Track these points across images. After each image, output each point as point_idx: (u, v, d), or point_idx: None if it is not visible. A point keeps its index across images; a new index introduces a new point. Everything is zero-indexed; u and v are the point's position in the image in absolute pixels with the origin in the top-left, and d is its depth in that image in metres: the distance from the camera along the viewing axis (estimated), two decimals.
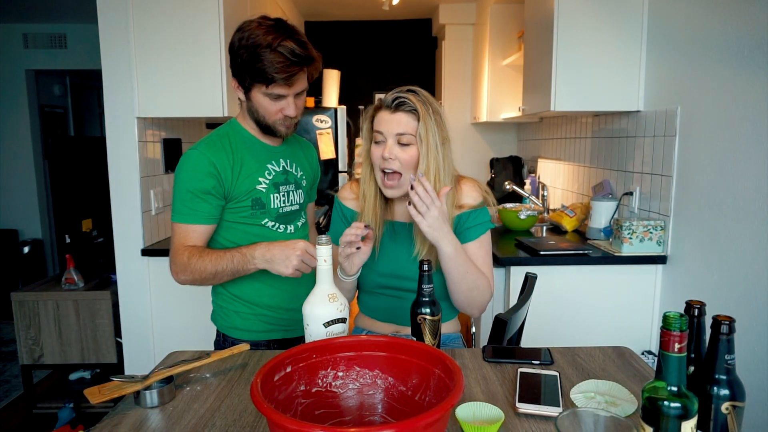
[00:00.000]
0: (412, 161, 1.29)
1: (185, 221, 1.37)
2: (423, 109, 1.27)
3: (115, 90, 2.46)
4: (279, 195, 1.47)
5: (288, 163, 1.51)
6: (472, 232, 1.37)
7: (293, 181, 1.52)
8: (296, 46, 1.29)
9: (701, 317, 0.87)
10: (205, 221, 1.38)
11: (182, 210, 1.36)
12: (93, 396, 1.01)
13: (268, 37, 1.28)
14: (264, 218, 1.44)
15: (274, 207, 1.45)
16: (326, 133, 3.72)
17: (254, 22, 1.33)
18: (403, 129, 1.28)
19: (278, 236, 1.46)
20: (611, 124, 2.66)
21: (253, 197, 1.42)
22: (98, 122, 6.17)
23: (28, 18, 4.70)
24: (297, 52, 1.29)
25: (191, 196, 1.35)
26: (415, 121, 1.28)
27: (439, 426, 0.72)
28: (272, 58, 1.28)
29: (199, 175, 1.35)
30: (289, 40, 1.29)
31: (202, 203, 1.36)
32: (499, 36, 3.85)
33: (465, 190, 1.39)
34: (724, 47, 1.83)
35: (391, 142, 1.28)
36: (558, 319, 2.22)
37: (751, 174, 1.71)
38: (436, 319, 1.11)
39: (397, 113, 1.28)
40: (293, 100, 1.37)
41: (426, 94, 1.31)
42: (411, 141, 1.28)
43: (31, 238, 5.10)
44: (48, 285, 2.85)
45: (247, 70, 1.32)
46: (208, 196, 1.36)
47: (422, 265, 1.10)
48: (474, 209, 1.37)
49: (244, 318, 1.49)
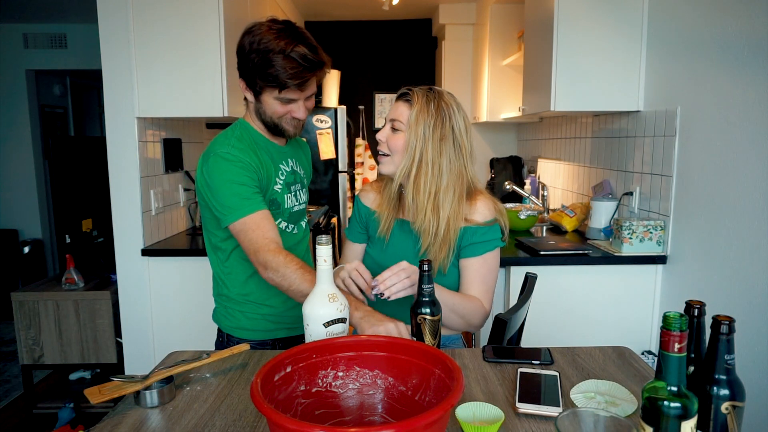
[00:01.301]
0: (398, 146, 1.35)
1: (249, 212, 1.29)
2: (422, 101, 1.31)
3: (115, 90, 2.46)
4: (291, 195, 1.49)
5: (294, 163, 1.54)
6: (477, 248, 1.36)
7: (299, 180, 1.54)
8: (308, 51, 1.30)
9: (701, 317, 0.86)
10: (264, 206, 1.33)
11: (239, 204, 1.29)
12: (93, 396, 1.01)
13: (280, 42, 1.28)
14: (278, 218, 1.45)
15: (287, 207, 1.47)
16: (326, 133, 3.72)
17: (264, 25, 1.32)
18: (396, 116, 1.35)
19: (287, 237, 1.47)
20: (611, 124, 2.66)
21: (272, 198, 1.43)
22: (98, 122, 6.17)
23: (28, 18, 4.70)
24: (309, 58, 1.30)
25: (242, 188, 1.30)
26: (410, 110, 1.32)
27: (439, 426, 0.72)
28: (285, 64, 1.28)
29: (244, 171, 1.33)
30: (301, 45, 1.29)
31: (255, 194, 1.33)
32: (499, 36, 3.85)
33: (479, 207, 1.38)
34: (724, 47, 1.83)
35: (387, 126, 1.37)
36: (558, 319, 2.22)
37: (751, 174, 1.71)
38: (436, 319, 1.10)
39: (398, 102, 1.36)
40: (303, 103, 1.39)
41: (442, 93, 1.34)
42: (400, 128, 1.34)
43: (31, 238, 5.10)
44: (48, 285, 2.85)
45: (258, 75, 1.32)
46: (255, 188, 1.34)
47: (422, 265, 1.10)
48: (482, 226, 1.36)
49: (250, 318, 1.49)
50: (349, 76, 5.28)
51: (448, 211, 1.32)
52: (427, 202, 1.32)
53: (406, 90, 1.36)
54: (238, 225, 1.30)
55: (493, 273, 1.39)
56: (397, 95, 1.38)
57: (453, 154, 1.33)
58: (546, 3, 2.42)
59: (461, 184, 1.35)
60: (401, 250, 1.42)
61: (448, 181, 1.32)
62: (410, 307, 1.13)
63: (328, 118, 3.72)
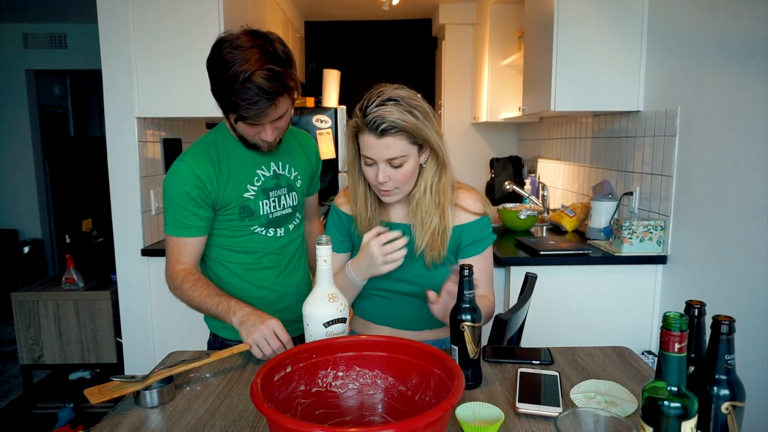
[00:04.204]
0: (407, 177, 1.25)
1: (177, 234, 1.36)
2: (412, 120, 1.19)
3: (115, 90, 2.46)
4: (269, 201, 1.43)
5: (280, 166, 1.46)
6: (477, 246, 1.34)
7: (285, 184, 1.47)
8: (266, 81, 1.17)
9: (701, 317, 0.87)
10: (195, 234, 1.37)
11: (173, 222, 1.36)
12: (93, 396, 1.01)
13: (238, 68, 1.17)
14: (253, 224, 1.42)
15: (263, 213, 1.42)
16: (326, 133, 3.72)
17: (228, 42, 1.21)
18: (392, 153, 1.21)
19: (268, 240, 1.44)
20: (611, 124, 2.66)
21: (241, 205, 1.39)
22: (98, 122, 6.16)
23: (28, 18, 4.70)
24: (265, 89, 1.18)
25: (180, 209, 1.34)
26: (405, 140, 1.21)
27: (439, 426, 0.72)
28: (240, 95, 1.18)
29: (186, 187, 1.33)
30: (259, 73, 1.17)
31: (191, 216, 1.35)
32: (499, 36, 3.85)
33: (467, 198, 1.35)
34: (724, 47, 1.83)
35: (383, 165, 1.23)
36: (558, 319, 2.22)
37: (751, 174, 1.71)
38: (478, 326, 1.06)
39: (384, 138, 1.19)
40: (269, 126, 1.29)
41: (406, 96, 1.21)
42: (404, 161, 1.23)
43: (31, 238, 5.10)
44: (48, 285, 2.85)
45: (217, 98, 1.26)
46: (196, 208, 1.35)
47: (463, 269, 1.05)
48: (479, 220, 1.35)
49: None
50: (349, 76, 5.27)
51: (446, 201, 1.30)
52: (430, 197, 1.29)
53: (384, 124, 1.17)
54: (167, 239, 1.39)
55: (492, 267, 1.40)
56: (373, 129, 1.19)
57: (439, 139, 1.28)
58: (546, 3, 2.42)
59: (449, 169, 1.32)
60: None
61: (447, 167, 1.29)
62: (450, 313, 1.09)
63: (328, 118, 3.72)
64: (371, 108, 1.19)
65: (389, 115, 1.17)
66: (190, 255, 1.39)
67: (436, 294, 1.20)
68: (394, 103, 1.19)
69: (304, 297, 1.13)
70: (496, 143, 4.74)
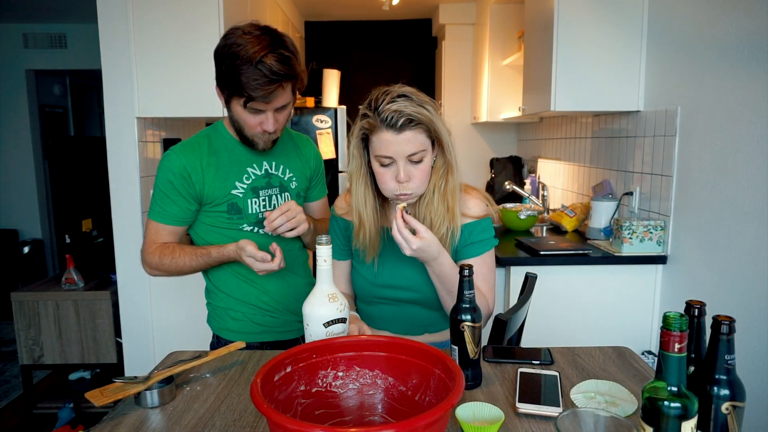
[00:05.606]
0: (426, 173, 1.22)
1: (156, 219, 1.41)
2: (426, 114, 1.17)
3: (115, 90, 2.46)
4: (258, 200, 1.43)
5: (273, 166, 1.46)
6: (476, 248, 1.32)
7: (277, 184, 1.47)
8: (276, 63, 1.23)
9: (701, 317, 0.87)
10: (173, 222, 1.41)
11: (155, 208, 1.41)
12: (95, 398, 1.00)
13: (250, 50, 1.22)
14: (242, 223, 1.42)
15: (252, 212, 1.42)
16: (326, 133, 3.72)
17: (239, 29, 1.27)
18: (413, 148, 1.18)
19: (259, 239, 1.41)
20: (611, 124, 2.66)
21: (229, 202, 1.40)
22: (98, 122, 6.16)
23: (28, 18, 4.70)
24: (275, 70, 1.23)
25: (163, 195, 1.39)
26: (423, 133, 1.19)
27: (439, 426, 0.72)
28: (250, 75, 1.22)
29: (169, 175, 1.37)
30: (271, 56, 1.22)
31: (172, 205, 1.39)
32: (499, 36, 3.85)
33: (472, 201, 1.33)
34: (724, 47, 1.83)
35: (402, 163, 1.19)
36: (558, 319, 2.22)
37: (751, 174, 1.71)
38: (478, 326, 1.06)
39: (403, 133, 1.16)
40: (272, 115, 1.32)
41: (413, 92, 1.20)
42: (423, 156, 1.20)
43: (31, 238, 5.10)
44: (48, 285, 2.85)
45: (225, 82, 1.29)
46: (178, 197, 1.38)
47: (463, 269, 1.05)
48: (479, 222, 1.32)
49: (235, 318, 1.49)
50: (349, 76, 5.27)
51: (455, 205, 1.27)
52: (439, 199, 1.26)
53: (403, 117, 1.15)
54: (147, 222, 1.44)
55: (492, 272, 1.35)
56: (392, 125, 1.15)
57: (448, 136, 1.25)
58: (546, 3, 2.42)
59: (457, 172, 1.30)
60: (392, 261, 1.34)
61: (453, 168, 1.27)
62: (449, 313, 1.08)
63: (328, 118, 3.72)
64: (384, 105, 1.16)
65: (406, 109, 1.15)
66: (166, 238, 1.43)
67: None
68: (405, 98, 1.17)
69: (303, 297, 1.14)
70: (496, 143, 4.74)
